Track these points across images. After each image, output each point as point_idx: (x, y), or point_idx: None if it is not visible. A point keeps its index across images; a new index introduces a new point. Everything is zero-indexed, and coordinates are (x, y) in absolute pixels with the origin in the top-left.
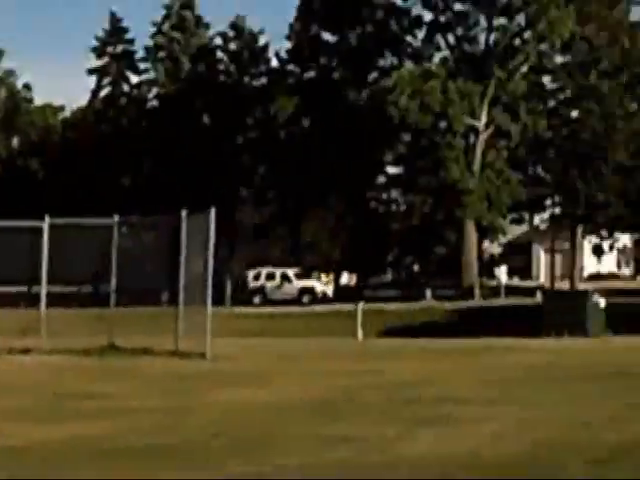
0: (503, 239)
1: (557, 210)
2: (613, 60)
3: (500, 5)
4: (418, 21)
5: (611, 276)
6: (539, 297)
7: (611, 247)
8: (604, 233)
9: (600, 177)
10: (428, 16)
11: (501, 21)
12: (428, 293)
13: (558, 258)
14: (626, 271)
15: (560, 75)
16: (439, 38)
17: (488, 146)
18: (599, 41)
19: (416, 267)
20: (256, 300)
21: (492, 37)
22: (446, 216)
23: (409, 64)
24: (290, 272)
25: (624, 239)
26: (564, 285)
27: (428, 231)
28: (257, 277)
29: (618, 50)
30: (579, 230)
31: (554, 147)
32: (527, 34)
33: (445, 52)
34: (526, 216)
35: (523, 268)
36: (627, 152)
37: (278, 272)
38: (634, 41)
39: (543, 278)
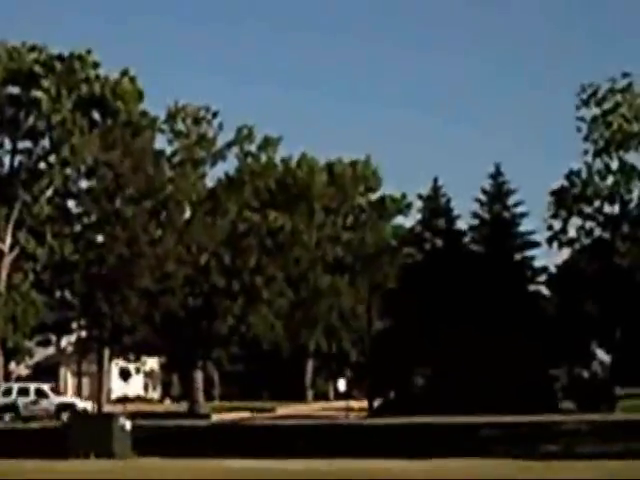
0: (30, 361)
1: (84, 333)
2: (138, 186)
3: (25, 129)
4: None
5: (139, 399)
6: (65, 419)
7: (138, 370)
8: (131, 356)
9: (126, 301)
10: None
11: (26, 144)
12: None
13: (86, 380)
14: (154, 394)
15: (85, 199)
16: None
17: (14, 268)
18: (123, 168)
19: None
20: (6, 418)
21: (17, 160)
22: None
23: None
24: (46, 387)
25: (151, 362)
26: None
27: None
28: (8, 392)
29: (142, 177)
30: (106, 353)
31: (80, 271)
32: (52, 158)
33: None
34: (53, 338)
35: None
36: (152, 277)
37: (32, 387)
38: (158, 169)
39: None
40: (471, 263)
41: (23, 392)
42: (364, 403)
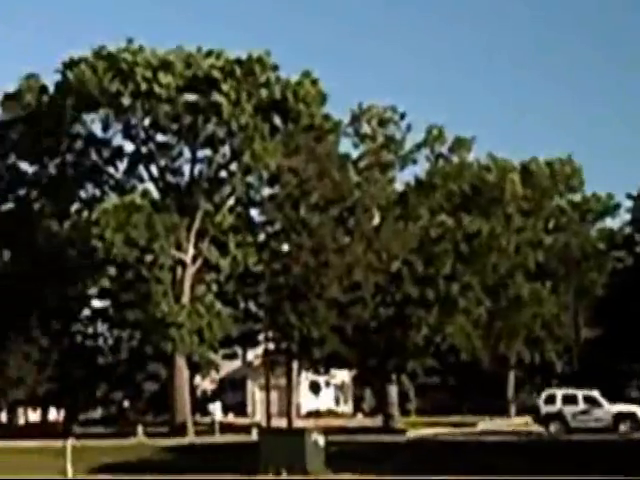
0: (216, 375)
1: (271, 345)
2: (323, 192)
3: (204, 136)
4: (119, 152)
5: (330, 413)
6: (255, 435)
7: (327, 383)
8: (321, 369)
9: (315, 312)
10: (130, 147)
11: (206, 152)
12: (140, 430)
13: (274, 395)
14: (345, 408)
15: (269, 207)
16: (142, 169)
17: (197, 280)
18: (307, 173)
19: (126, 403)
20: (552, 428)
21: (197, 169)
22: (155, 350)
23: (112, 196)
24: (596, 393)
25: (343, 375)
26: (281, 422)
27: (137, 366)
28: (551, 399)
29: (328, 183)
30: (295, 366)
31: (265, 281)
32: (233, 166)
33: (149, 184)
34: (239, 351)
35: (238, 405)
36: (341, 287)
37: (580, 394)
38: (343, 174)
39: (259, 415)
40: None
41: (570, 400)
42: None
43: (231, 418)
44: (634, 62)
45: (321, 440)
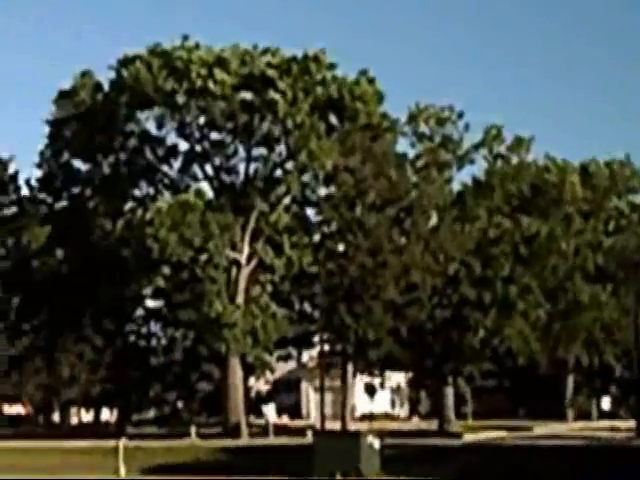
0: (270, 376)
1: (326, 347)
2: (380, 192)
3: (259, 135)
4: (174, 150)
5: (385, 416)
6: (309, 437)
7: (382, 385)
8: (376, 371)
9: (370, 313)
10: (184, 145)
11: (261, 151)
12: (193, 431)
13: (328, 396)
14: (401, 411)
15: (325, 207)
16: (196, 168)
17: (251, 280)
18: (364, 173)
19: (180, 403)
20: None
21: (252, 167)
22: (209, 351)
23: (166, 194)
24: None
25: (398, 378)
26: (335, 425)
27: (191, 366)
28: None
29: (384, 182)
30: (350, 368)
31: (321, 282)
32: (289, 165)
33: (203, 182)
34: (294, 353)
35: (292, 406)
36: (397, 288)
37: None
38: (400, 173)
39: (313, 417)
40: None
41: None
42: (631, 423)
43: (285, 420)
44: None
45: (376, 443)
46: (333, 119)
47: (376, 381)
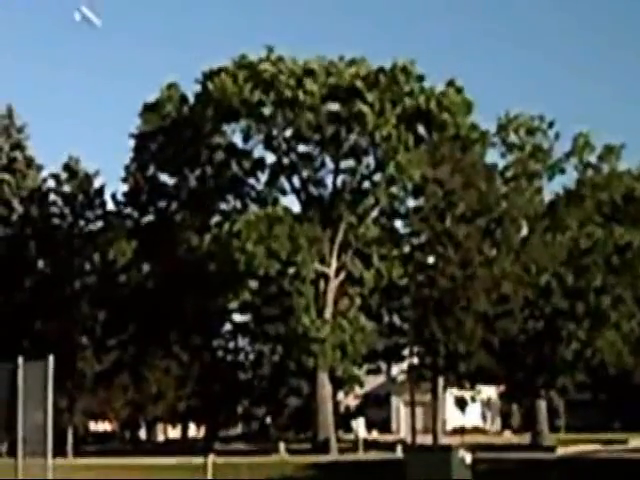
0: (359, 390)
1: (416, 360)
2: (470, 204)
3: (347, 147)
4: (260, 163)
5: (476, 430)
6: (400, 452)
7: (473, 399)
8: (467, 385)
9: (461, 326)
10: (271, 158)
11: (349, 163)
12: (282, 447)
13: (419, 411)
14: (492, 425)
15: (414, 219)
16: (284, 181)
17: (340, 293)
18: (453, 184)
19: (268, 419)
20: None
21: (340, 180)
22: (297, 366)
23: (253, 207)
24: None
25: (490, 391)
26: (426, 439)
27: (279, 381)
28: None
29: (474, 193)
30: (440, 381)
31: (410, 294)
32: (377, 176)
33: (291, 195)
34: (383, 366)
35: (382, 421)
36: (488, 300)
37: None
38: (490, 184)
39: (404, 432)
40: None
41: None
42: None
43: (375, 435)
44: None
45: (468, 457)
46: (421, 130)
47: (467, 394)
